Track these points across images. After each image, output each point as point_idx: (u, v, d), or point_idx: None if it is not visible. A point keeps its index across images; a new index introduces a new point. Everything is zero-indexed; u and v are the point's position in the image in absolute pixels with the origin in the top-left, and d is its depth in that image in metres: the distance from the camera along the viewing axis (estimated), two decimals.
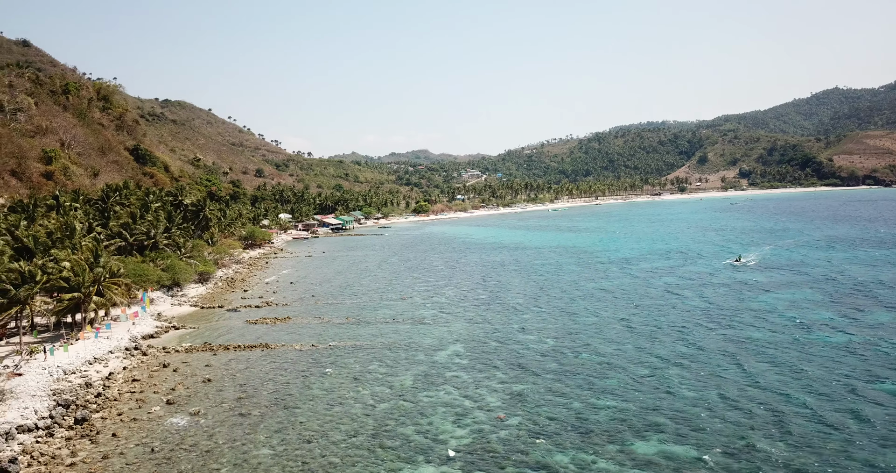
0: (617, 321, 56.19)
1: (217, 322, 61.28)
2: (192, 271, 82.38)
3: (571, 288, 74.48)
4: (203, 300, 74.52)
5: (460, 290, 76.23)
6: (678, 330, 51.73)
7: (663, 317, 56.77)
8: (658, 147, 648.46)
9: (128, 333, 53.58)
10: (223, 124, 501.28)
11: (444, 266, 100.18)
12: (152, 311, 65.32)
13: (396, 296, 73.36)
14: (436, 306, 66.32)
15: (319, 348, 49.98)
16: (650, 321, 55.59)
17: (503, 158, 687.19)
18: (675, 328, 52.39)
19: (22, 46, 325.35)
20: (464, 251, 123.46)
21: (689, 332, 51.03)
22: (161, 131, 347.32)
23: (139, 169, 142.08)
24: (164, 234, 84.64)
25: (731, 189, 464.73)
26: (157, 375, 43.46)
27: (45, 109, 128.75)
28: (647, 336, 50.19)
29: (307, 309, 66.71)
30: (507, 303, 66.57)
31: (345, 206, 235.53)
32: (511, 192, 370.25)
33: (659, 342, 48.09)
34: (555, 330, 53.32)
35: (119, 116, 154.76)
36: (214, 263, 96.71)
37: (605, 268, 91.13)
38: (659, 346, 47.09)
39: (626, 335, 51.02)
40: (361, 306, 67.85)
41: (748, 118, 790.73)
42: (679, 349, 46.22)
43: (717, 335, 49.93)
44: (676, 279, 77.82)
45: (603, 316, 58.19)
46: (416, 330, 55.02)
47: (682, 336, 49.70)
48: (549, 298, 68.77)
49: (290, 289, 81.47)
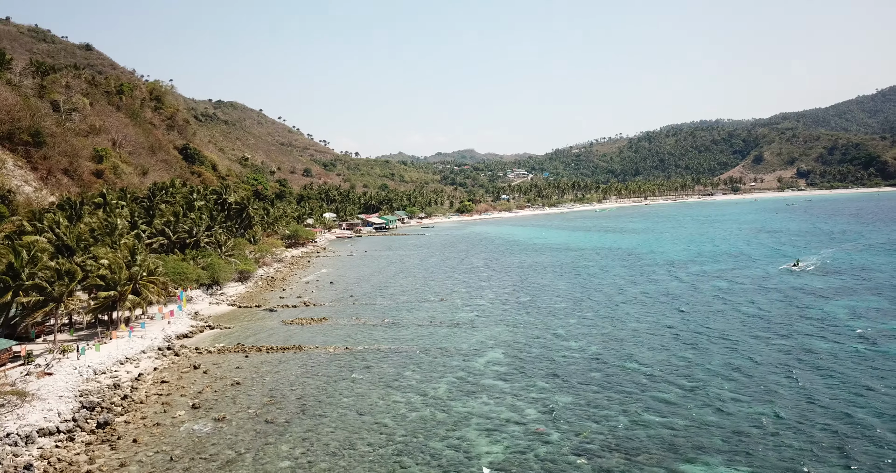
0: (664, 328, 52.98)
1: (253, 322, 60.55)
2: (233, 269, 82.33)
3: (616, 292, 71.27)
4: (241, 299, 74.20)
5: (501, 292, 73.90)
6: (730, 340, 48.28)
7: (713, 325, 53.27)
8: (711, 146, 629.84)
9: (162, 332, 53.20)
10: (273, 124, 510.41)
11: (484, 267, 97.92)
12: (189, 309, 65.14)
13: (435, 297, 71.52)
14: (475, 308, 64.19)
15: (353, 351, 48.47)
16: (699, 329, 52.20)
17: (550, 157, 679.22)
18: (726, 338, 48.94)
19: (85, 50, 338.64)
20: (506, 252, 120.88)
21: (742, 342, 47.54)
22: (213, 131, 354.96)
23: (187, 168, 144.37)
24: (205, 232, 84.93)
25: (788, 189, 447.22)
26: (186, 377, 42.62)
27: (99, 110, 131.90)
28: (696, 346, 46.95)
29: (344, 310, 65.48)
30: (549, 307, 63.94)
31: (389, 205, 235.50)
32: (557, 191, 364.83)
33: (709, 353, 44.83)
34: (598, 337, 50.52)
35: (170, 116, 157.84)
36: (256, 261, 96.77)
37: (652, 271, 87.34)
38: (709, 357, 43.85)
39: (673, 344, 47.87)
40: (399, 307, 66.26)
41: (808, 116, 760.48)
42: (731, 361, 42.91)
43: (772, 346, 46.33)
44: (727, 284, 73.69)
45: (649, 323, 55.02)
46: (454, 334, 53.00)
47: (734, 347, 46.28)
48: (592, 302, 65.82)
49: (329, 289, 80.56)
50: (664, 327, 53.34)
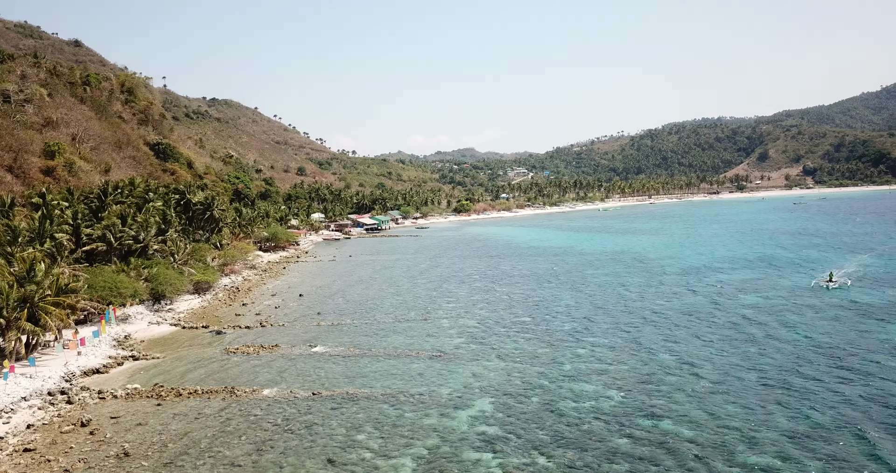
0: (698, 363, 41.67)
1: (190, 350, 49.35)
2: (186, 281, 71.19)
3: (634, 309, 59.97)
4: (191, 316, 63.03)
5: (494, 308, 62.63)
6: (789, 386, 36.90)
7: (759, 362, 41.90)
8: (715, 144, 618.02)
9: (64, 368, 42.02)
10: (268, 123, 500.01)
11: (478, 276, 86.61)
12: (119, 332, 53.98)
13: (418, 315, 60.31)
14: (463, 331, 52.92)
15: (298, 397, 37.25)
16: (742, 365, 40.89)
17: (551, 155, 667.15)
18: (782, 383, 37.56)
19: (73, 46, 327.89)
20: (502, 257, 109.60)
21: (808, 388, 36.20)
22: (204, 129, 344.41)
23: (159, 165, 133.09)
24: (156, 237, 73.77)
25: (797, 187, 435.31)
26: (63, 441, 31.40)
27: (59, 101, 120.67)
28: (746, 395, 35.67)
29: (305, 332, 54.28)
30: (553, 329, 52.66)
31: (382, 205, 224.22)
32: (559, 190, 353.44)
33: (770, 409, 33.54)
34: (619, 376, 39.25)
35: (143, 109, 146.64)
36: (220, 269, 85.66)
37: (671, 281, 76.07)
38: (772, 416, 32.56)
39: (720, 387, 36.58)
40: (372, 329, 55.03)
41: (811, 113, 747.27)
42: (799, 420, 31.63)
43: (842, 394, 34.98)
44: (756, 300, 62.23)
45: (681, 354, 43.72)
46: (433, 371, 41.75)
47: (798, 396, 34.95)
48: (604, 323, 54.53)
49: (297, 303, 69.39)
50: (703, 360, 42.02)
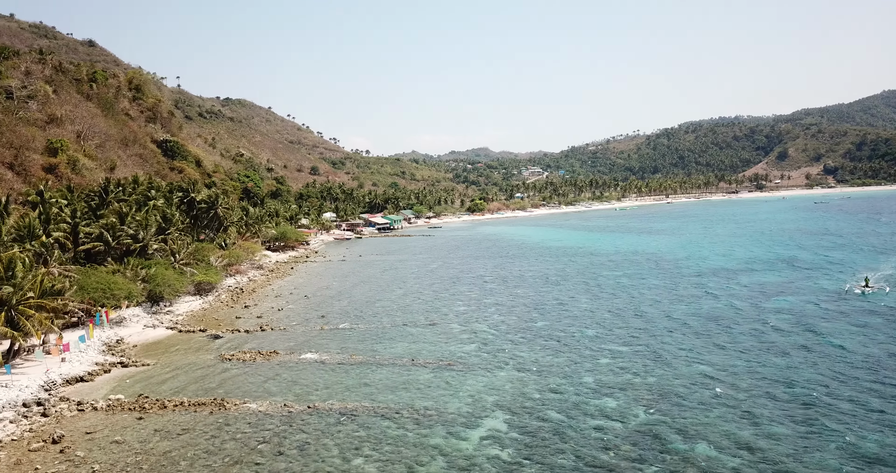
0: (733, 374, 37.88)
1: (184, 356, 46.28)
2: (186, 281, 68.30)
3: (656, 314, 56.09)
4: (189, 319, 60.06)
5: (509, 313, 59.01)
6: (836, 404, 33.06)
7: (799, 372, 38.09)
8: (733, 142, 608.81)
9: (45, 376, 39.04)
10: (282, 122, 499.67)
11: (491, 277, 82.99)
12: (112, 336, 51.07)
13: (426, 319, 56.87)
14: (475, 337, 49.39)
15: (293, 411, 33.95)
16: (782, 377, 37.06)
17: (566, 154, 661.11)
18: (826, 397, 33.74)
19: (88, 46, 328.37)
20: (517, 258, 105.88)
21: (857, 410, 32.31)
22: (217, 129, 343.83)
23: (167, 163, 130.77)
24: (156, 236, 70.98)
25: (818, 187, 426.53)
26: (29, 460, 28.33)
27: (64, 98, 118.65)
28: (789, 411, 31.89)
29: (306, 337, 51.04)
30: (570, 336, 48.97)
31: (395, 204, 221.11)
32: (574, 189, 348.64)
33: (812, 425, 29.77)
34: (643, 391, 35.53)
35: (151, 107, 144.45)
36: (224, 270, 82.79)
37: (696, 283, 72.03)
38: (817, 435, 28.79)
39: (755, 405, 32.80)
40: (378, 333, 51.67)
41: (831, 112, 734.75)
42: (853, 446, 27.79)
43: None
44: (787, 304, 58.12)
45: (710, 365, 39.88)
46: (441, 382, 38.27)
47: (845, 417, 31.10)
48: (626, 329, 50.74)
49: (301, 305, 66.26)
50: (729, 374, 38.18)
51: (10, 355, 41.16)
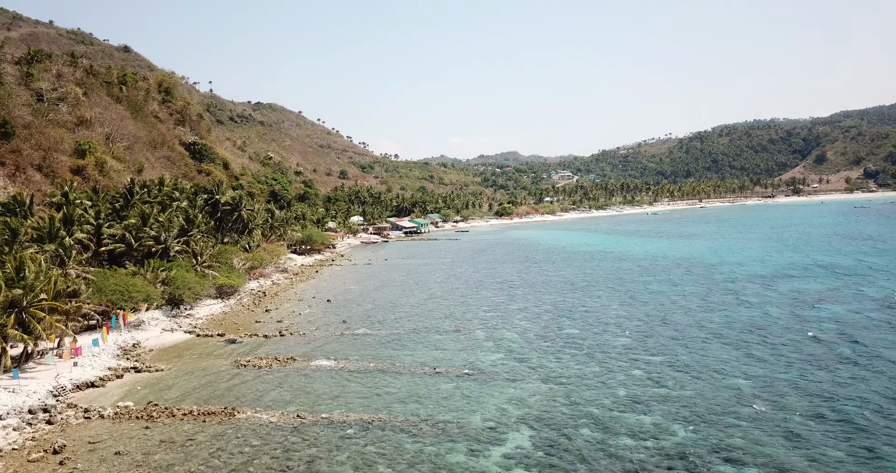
0: (784, 387, 34.93)
1: (199, 361, 44.85)
2: (208, 284, 67.26)
3: (693, 323, 53.03)
4: (209, 323, 58.84)
5: (537, 319, 56.50)
6: None
7: (860, 386, 34.97)
8: (768, 146, 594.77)
9: (54, 381, 37.84)
10: (312, 126, 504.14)
11: (520, 282, 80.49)
12: (129, 339, 49.99)
13: (451, 325, 54.69)
14: (500, 345, 47.04)
15: (305, 421, 32.09)
16: (841, 391, 34.02)
17: (596, 158, 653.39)
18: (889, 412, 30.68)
19: (123, 52, 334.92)
20: (546, 262, 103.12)
21: None
22: (248, 133, 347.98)
23: (195, 166, 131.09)
24: (178, 238, 70.13)
25: (858, 191, 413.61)
26: (27, 472, 26.90)
27: (95, 101, 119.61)
28: (851, 430, 28.93)
29: (326, 343, 49.28)
30: (604, 345, 46.30)
31: (422, 208, 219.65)
32: (605, 193, 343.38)
33: (881, 446, 26.77)
34: (685, 404, 32.85)
35: (180, 109, 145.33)
36: (248, 272, 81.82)
37: (732, 290, 68.52)
38: (884, 458, 25.83)
39: (813, 423, 29.89)
40: (399, 340, 49.67)
41: (871, 114, 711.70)
42: None
43: None
44: (842, 312, 54.54)
45: (757, 378, 36.94)
46: (464, 393, 36.04)
47: None
48: (662, 338, 47.87)
49: (323, 309, 64.66)
50: (780, 387, 35.22)
51: (21, 358, 40.15)
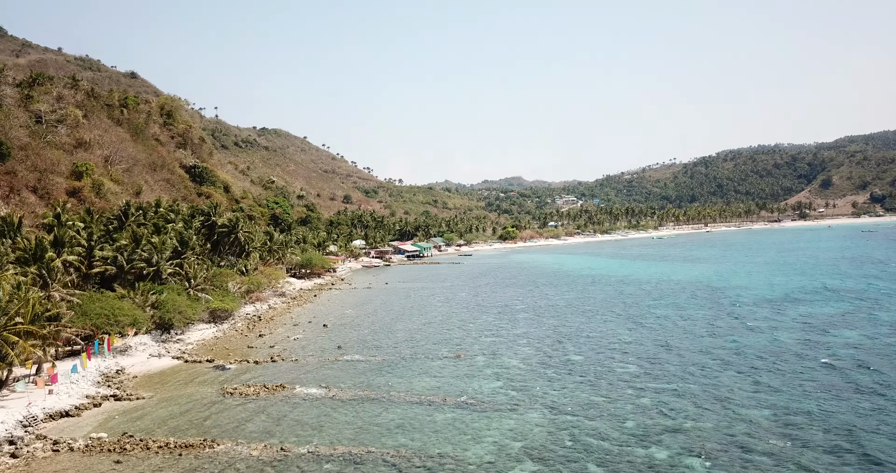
0: (805, 419, 32.34)
1: (184, 389, 42.47)
2: (200, 308, 65.09)
3: (706, 347, 50.45)
4: (199, 348, 56.55)
5: (541, 345, 53.97)
6: None
7: (887, 418, 32.32)
8: (773, 170, 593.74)
9: (25, 410, 35.50)
10: (316, 152, 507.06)
11: (522, 306, 78.02)
12: (113, 366, 47.69)
13: (450, 351, 52.21)
14: (502, 373, 44.53)
15: (289, 454, 29.63)
16: (865, 423, 31.40)
17: (601, 183, 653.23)
18: None
19: (129, 78, 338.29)
20: (550, 286, 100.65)
21: None
22: (252, 157, 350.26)
23: (195, 188, 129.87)
24: (171, 261, 68.18)
25: (865, 215, 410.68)
26: None
27: (95, 123, 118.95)
28: (880, 465, 26.31)
29: (319, 369, 46.87)
30: (609, 372, 43.74)
31: (425, 232, 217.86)
32: (610, 217, 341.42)
33: None
34: (700, 437, 30.28)
35: (182, 132, 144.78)
36: (244, 296, 79.68)
37: (743, 313, 65.90)
38: None
39: (839, 458, 27.29)
40: (395, 366, 47.22)
41: (876, 139, 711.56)
42: None
43: None
44: (860, 337, 51.87)
45: (776, 408, 34.34)
46: (461, 425, 33.53)
47: None
48: (675, 365, 45.28)
49: (318, 334, 62.32)
50: (800, 418, 32.62)
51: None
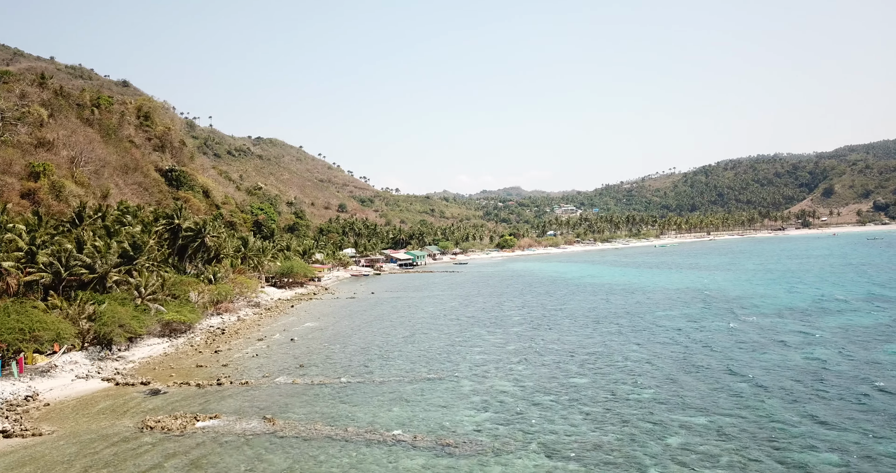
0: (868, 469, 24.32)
1: (96, 421, 34.39)
2: (151, 320, 57.03)
3: (733, 368, 42.37)
4: (140, 368, 48.49)
5: (539, 364, 45.90)
6: None
7: None
8: (774, 179, 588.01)
9: None
10: (312, 161, 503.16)
11: (518, 317, 69.98)
12: (21, 390, 39.63)
13: (432, 371, 44.18)
14: (490, 400, 36.43)
15: None
16: None
17: (600, 193, 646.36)
18: None
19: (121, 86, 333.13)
20: (550, 295, 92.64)
21: None
22: (245, 166, 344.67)
23: (171, 193, 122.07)
24: (119, 268, 60.24)
25: (871, 223, 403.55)
26: None
27: (62, 123, 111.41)
28: None
29: (269, 395, 38.79)
30: (624, 400, 35.65)
31: (420, 240, 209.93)
32: (610, 226, 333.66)
33: None
34: None
35: (160, 135, 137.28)
36: (211, 307, 71.76)
37: (768, 326, 57.89)
38: None
39: None
40: (363, 391, 39.15)
41: (877, 148, 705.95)
42: None
43: None
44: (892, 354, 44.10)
45: (830, 449, 26.32)
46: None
47: None
48: (701, 389, 37.22)
49: (283, 350, 54.27)
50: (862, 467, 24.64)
51: None
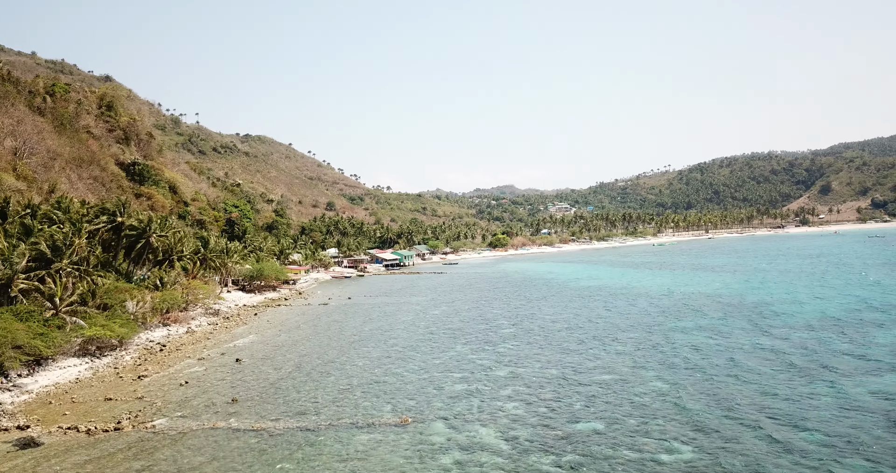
0: None
1: None
2: (67, 337, 47.08)
3: (789, 409, 32.83)
4: (31, 402, 38.63)
5: (534, 399, 36.20)
6: None
7: None
8: (771, 176, 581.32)
9: None
10: (302, 158, 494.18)
11: (511, 330, 60.25)
12: None
13: (395, 410, 34.43)
14: (468, 461, 26.70)
15: None
16: None
17: (594, 190, 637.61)
18: None
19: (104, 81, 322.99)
20: (547, 301, 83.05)
21: None
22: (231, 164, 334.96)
23: (132, 188, 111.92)
24: (28, 274, 50.25)
25: (871, 221, 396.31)
26: None
27: (9, 111, 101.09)
28: None
29: (175, 447, 28.95)
30: (653, 460, 26.01)
31: (408, 239, 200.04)
32: (606, 224, 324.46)
33: None
34: None
35: (124, 126, 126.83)
36: (154, 317, 61.81)
37: (810, 342, 48.47)
38: None
39: None
40: (301, 444, 29.36)
41: (872, 145, 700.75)
42: None
43: None
44: None
45: None
46: None
47: None
48: (754, 444, 27.64)
49: (222, 375, 44.44)
50: None
51: None
